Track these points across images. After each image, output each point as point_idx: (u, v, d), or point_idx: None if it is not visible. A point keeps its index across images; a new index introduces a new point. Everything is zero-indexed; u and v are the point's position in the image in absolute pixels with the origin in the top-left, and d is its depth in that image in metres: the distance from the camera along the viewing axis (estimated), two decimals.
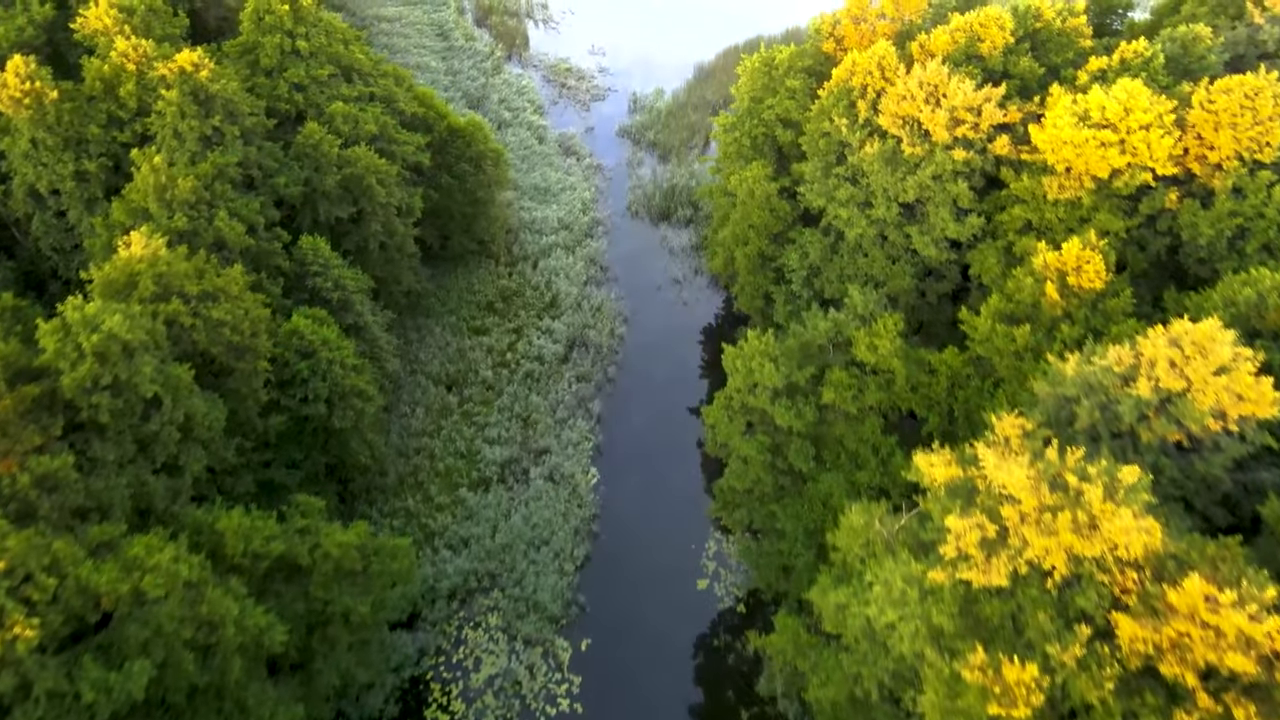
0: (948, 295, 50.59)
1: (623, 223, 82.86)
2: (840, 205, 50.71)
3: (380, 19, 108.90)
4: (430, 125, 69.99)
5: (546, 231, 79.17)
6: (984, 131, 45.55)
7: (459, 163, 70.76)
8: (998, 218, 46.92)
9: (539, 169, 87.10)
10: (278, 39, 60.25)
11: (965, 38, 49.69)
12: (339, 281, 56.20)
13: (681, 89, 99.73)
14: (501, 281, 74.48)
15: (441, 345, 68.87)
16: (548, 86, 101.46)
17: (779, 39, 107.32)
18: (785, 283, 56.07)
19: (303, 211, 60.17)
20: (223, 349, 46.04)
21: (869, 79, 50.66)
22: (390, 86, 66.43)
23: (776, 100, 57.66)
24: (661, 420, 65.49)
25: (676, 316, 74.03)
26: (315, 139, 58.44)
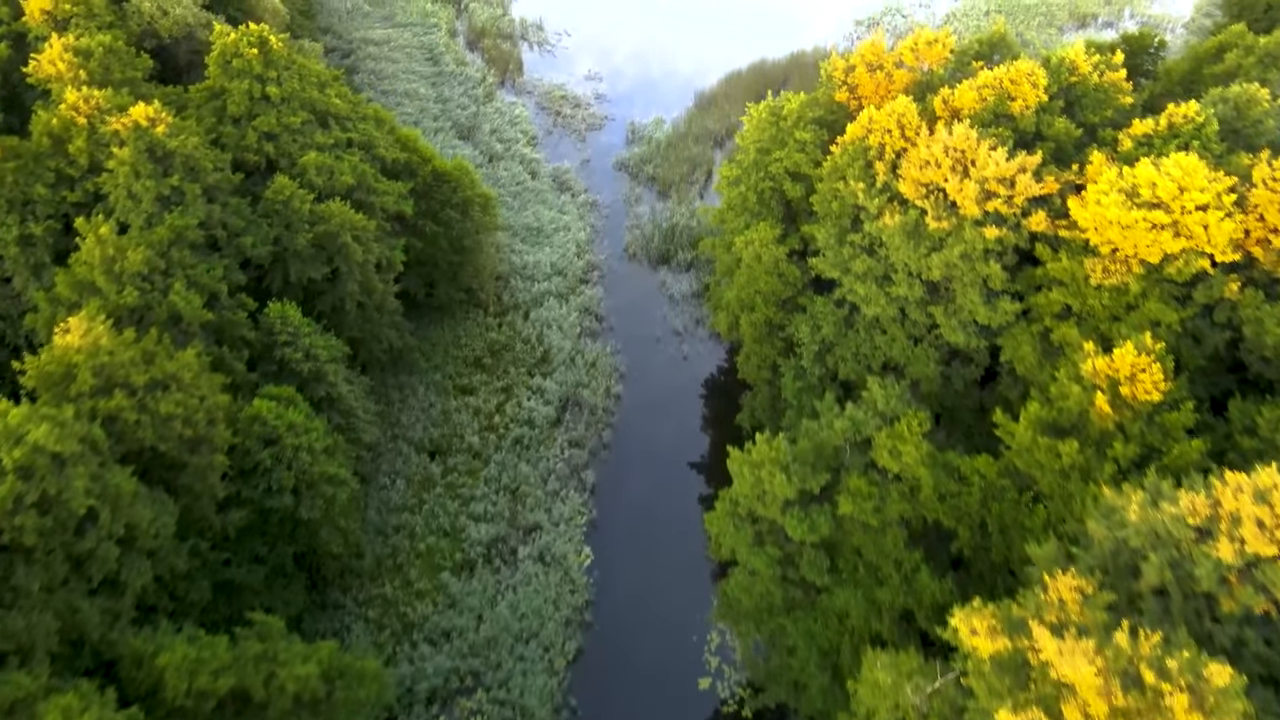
0: (975, 381, 46.16)
1: (620, 266, 78.31)
2: (856, 279, 46.21)
3: (367, 42, 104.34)
4: (414, 170, 65.48)
5: (539, 278, 74.62)
6: (1018, 206, 41.07)
7: (445, 209, 66.23)
8: (1032, 299, 42.46)
9: (531, 207, 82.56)
10: (246, 85, 55.73)
11: (994, 96, 45.18)
12: (310, 351, 51.69)
13: (681, 117, 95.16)
14: (490, 334, 69.92)
15: (425, 407, 64.31)
16: (542, 115, 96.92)
17: (782, 64, 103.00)
18: (794, 354, 51.57)
19: (272, 272, 55.66)
20: (173, 444, 41.51)
21: (887, 138, 46.16)
22: (370, 131, 61.89)
23: (785, 153, 53.15)
24: (661, 490, 60.97)
25: (677, 372, 69.50)
26: (285, 194, 53.97)
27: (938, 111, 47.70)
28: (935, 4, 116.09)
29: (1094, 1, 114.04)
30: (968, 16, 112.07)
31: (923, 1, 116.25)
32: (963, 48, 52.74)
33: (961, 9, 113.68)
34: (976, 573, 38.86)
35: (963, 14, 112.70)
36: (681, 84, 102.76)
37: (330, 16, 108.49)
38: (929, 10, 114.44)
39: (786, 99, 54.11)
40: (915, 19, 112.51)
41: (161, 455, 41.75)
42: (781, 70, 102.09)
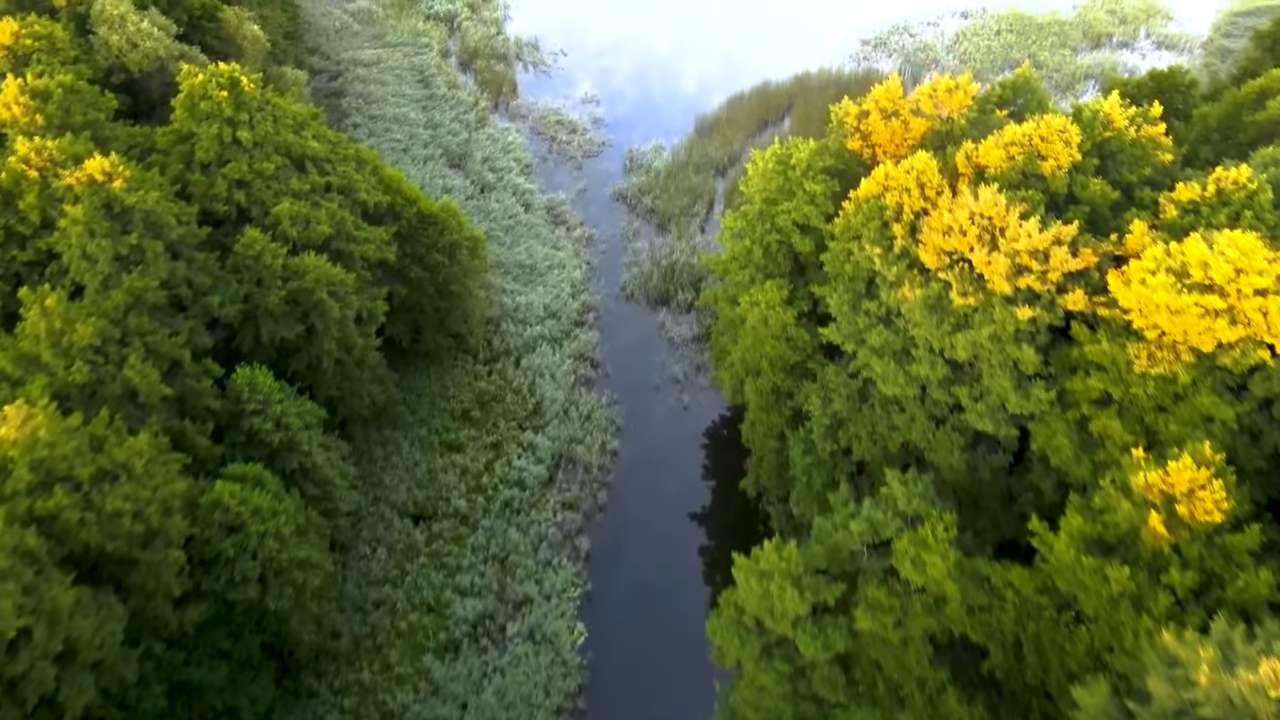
0: (1003, 468, 42.43)
1: (617, 307, 74.50)
2: (872, 353, 42.50)
3: (356, 63, 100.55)
4: (398, 212, 61.71)
5: (531, 321, 70.83)
6: (1053, 282, 37.35)
7: (430, 252, 62.45)
8: (1068, 383, 38.71)
9: (525, 242, 78.79)
10: (215, 129, 51.94)
11: (1023, 155, 41.41)
12: (281, 420, 47.92)
13: (681, 144, 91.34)
14: (479, 383, 66.12)
15: (409, 466, 60.52)
16: (537, 140, 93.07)
17: (786, 87, 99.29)
18: (804, 424, 47.80)
19: (243, 332, 51.89)
20: (122, 542, 37.75)
21: (905, 198, 42.40)
22: (350, 173, 58.08)
23: (793, 205, 49.38)
24: (661, 558, 57.22)
25: (677, 424, 65.71)
26: (256, 249, 50.21)
27: (960, 168, 43.94)
28: (944, 23, 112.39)
29: (1108, 21, 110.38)
30: (978, 36, 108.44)
31: (931, 20, 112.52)
32: (984, 94, 48.96)
33: (971, 28, 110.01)
34: (1009, 692, 35.21)
35: (973, 33, 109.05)
36: (683, 107, 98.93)
37: (318, 36, 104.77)
38: (937, 29, 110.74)
39: (795, 146, 50.32)
40: (924, 38, 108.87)
41: (109, 554, 37.99)
42: (785, 93, 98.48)
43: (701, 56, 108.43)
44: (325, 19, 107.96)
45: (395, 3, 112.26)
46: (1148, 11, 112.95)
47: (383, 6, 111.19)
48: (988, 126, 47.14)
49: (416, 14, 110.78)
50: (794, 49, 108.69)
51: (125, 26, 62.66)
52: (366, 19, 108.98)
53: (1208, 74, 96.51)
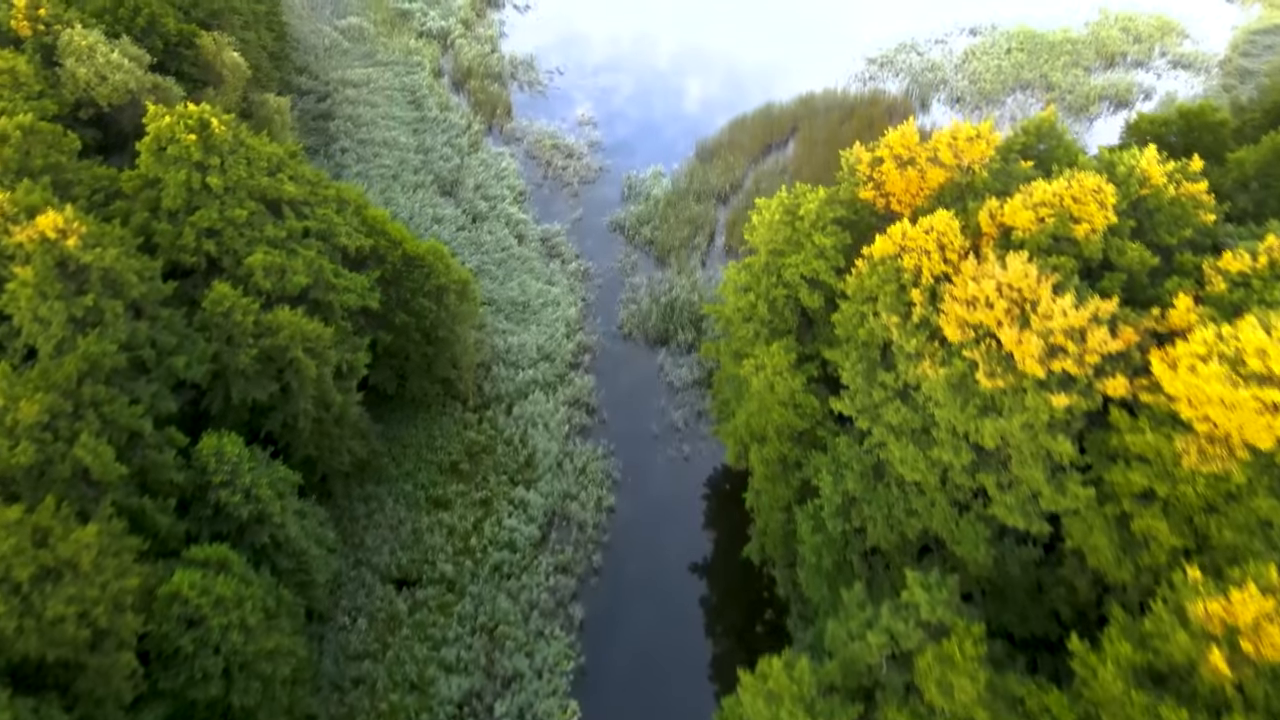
0: (1034, 561, 39.08)
1: (614, 347, 71.09)
2: (889, 431, 39.16)
3: (346, 84, 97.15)
4: (382, 255, 58.34)
5: (524, 364, 67.43)
6: (1090, 365, 34.00)
7: (416, 297, 59.06)
8: (1107, 474, 35.37)
9: (518, 277, 75.39)
10: (183, 175, 48.59)
11: (1054, 218, 38.04)
12: (251, 491, 44.52)
13: (682, 170, 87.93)
14: (469, 433, 62.72)
15: (394, 525, 57.13)
16: (531, 165, 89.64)
17: (790, 108, 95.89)
18: (813, 499, 44.38)
19: (211, 393, 48.51)
20: (67, 649, 34.38)
21: (925, 261, 39.01)
22: (330, 217, 54.70)
23: (802, 258, 46.02)
24: (659, 626, 53.85)
25: (677, 476, 62.32)
26: (226, 305, 46.82)
27: (984, 227, 40.55)
28: (952, 40, 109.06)
29: (1121, 39, 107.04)
30: (987, 54, 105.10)
31: (939, 38, 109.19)
32: (1006, 141, 45.52)
33: (980, 46, 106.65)
34: None
35: (982, 51, 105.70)
36: (684, 128, 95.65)
37: (307, 54, 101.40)
38: (945, 47, 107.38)
39: (803, 195, 46.91)
40: (931, 56, 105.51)
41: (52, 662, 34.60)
42: (789, 115, 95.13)
43: (704, 73, 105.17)
44: (315, 36, 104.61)
45: (387, 19, 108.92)
46: (1162, 29, 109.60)
47: (374, 23, 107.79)
48: (1011, 177, 43.74)
49: (409, 31, 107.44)
50: (798, 67, 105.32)
51: (94, 58, 59.34)
52: (357, 36, 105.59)
53: (1228, 98, 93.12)
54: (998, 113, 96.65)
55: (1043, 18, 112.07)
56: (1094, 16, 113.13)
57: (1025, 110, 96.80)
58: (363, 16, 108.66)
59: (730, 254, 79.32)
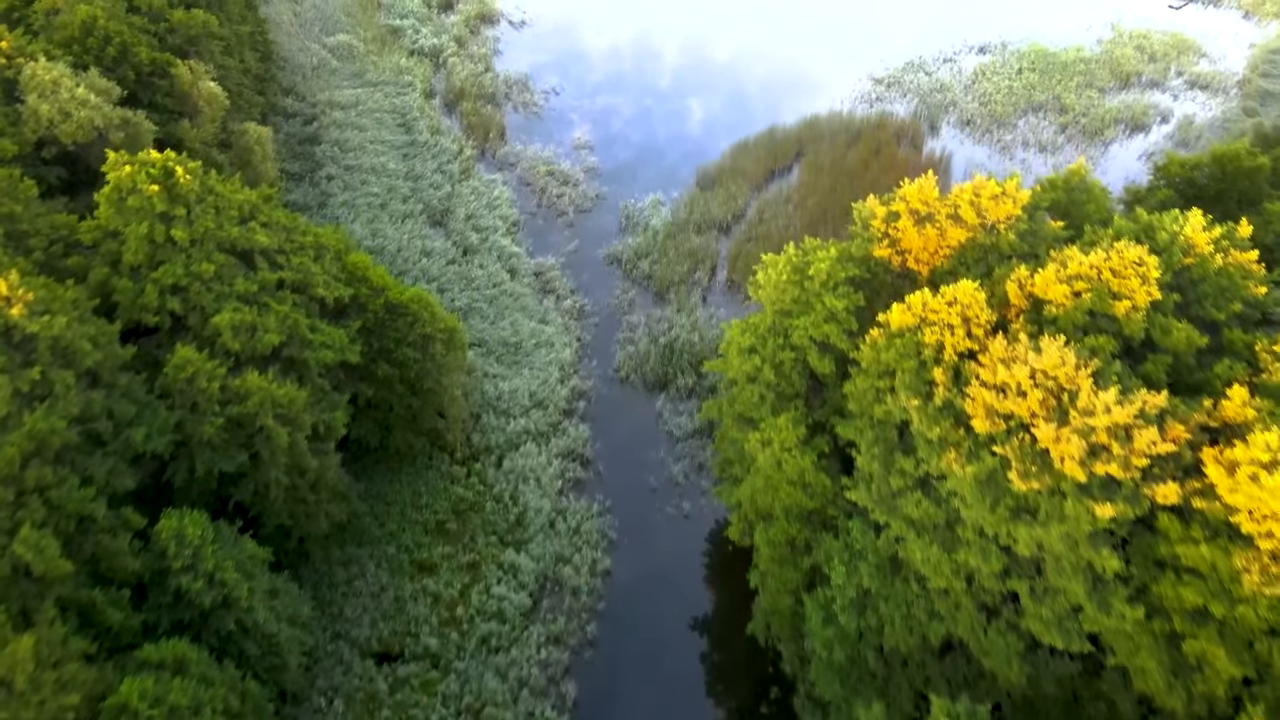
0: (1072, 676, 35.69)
1: (611, 392, 67.62)
2: (909, 527, 35.79)
3: (333, 106, 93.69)
4: (363, 304, 54.92)
5: (515, 412, 63.96)
6: (1137, 468, 30.62)
7: (400, 347, 55.62)
8: (1155, 587, 31.94)
9: (509, 315, 71.93)
10: (145, 227, 45.17)
11: (1092, 293, 34.65)
12: (215, 576, 41.08)
13: (682, 198, 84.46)
14: (456, 489, 59.27)
15: (375, 592, 53.66)
16: (525, 193, 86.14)
17: (794, 132, 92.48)
18: (824, 586, 40.94)
19: (174, 464, 45.03)
20: None
21: (948, 336, 35.58)
22: (307, 266, 51.22)
23: (811, 321, 42.60)
24: (657, 705, 50.38)
25: (677, 535, 58.86)
26: (189, 371, 43.39)
27: (1012, 298, 37.14)
28: (961, 59, 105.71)
29: (1136, 59, 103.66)
30: (998, 74, 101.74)
31: (948, 56, 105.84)
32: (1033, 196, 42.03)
33: (990, 65, 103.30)
34: None
35: (992, 71, 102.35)
36: (685, 151, 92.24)
37: (294, 74, 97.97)
38: (954, 66, 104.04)
39: (813, 253, 43.47)
40: (940, 76, 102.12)
41: None
42: (793, 139, 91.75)
43: (706, 92, 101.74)
44: (303, 55, 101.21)
45: (377, 37, 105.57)
46: (1178, 47, 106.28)
47: (364, 41, 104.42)
48: (1039, 238, 40.33)
49: (400, 49, 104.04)
50: (802, 86, 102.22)
51: (59, 94, 55.91)
52: (347, 55, 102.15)
53: (1250, 124, 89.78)
54: (1009, 136, 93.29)
55: (1054, 35, 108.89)
56: (1106, 34, 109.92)
57: (1038, 134, 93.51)
58: (352, 34, 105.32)
59: (732, 289, 75.98)
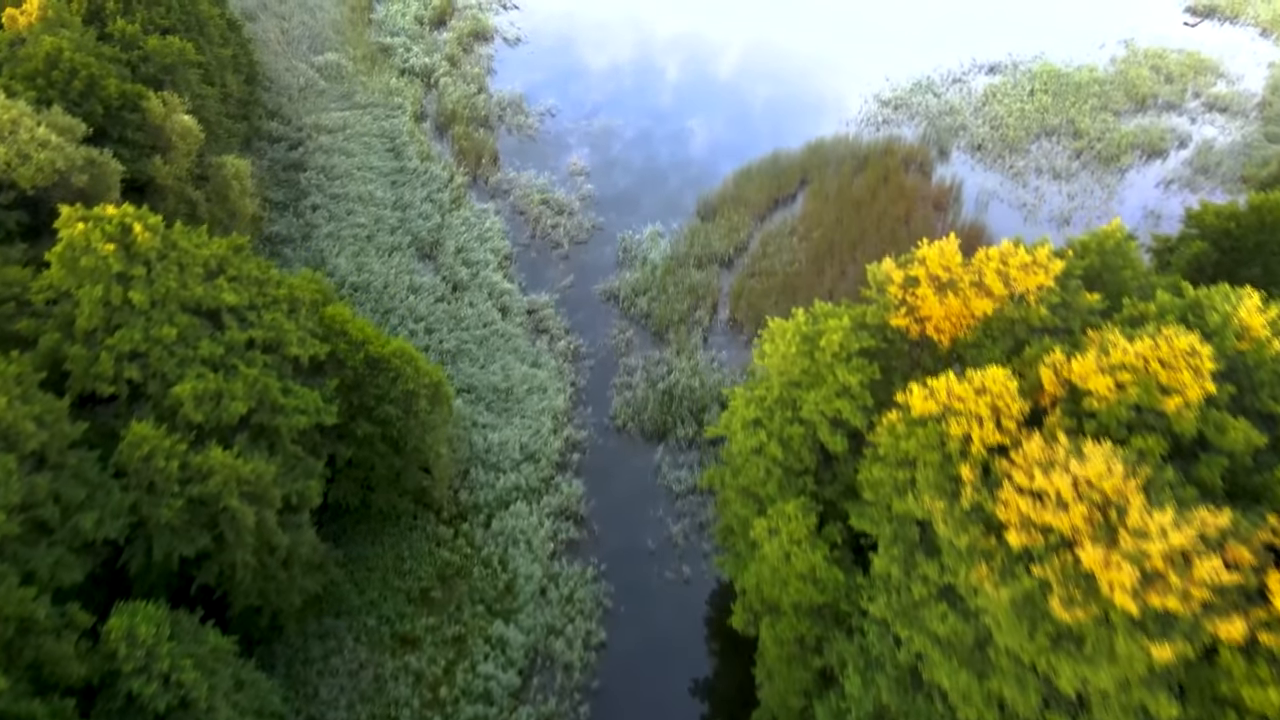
0: None
1: (607, 442, 64.10)
2: (933, 644, 32.37)
3: (320, 129, 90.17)
4: (342, 359, 51.44)
5: (505, 466, 60.48)
6: (1197, 600, 27.20)
7: (382, 405, 52.13)
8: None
9: (500, 358, 68.42)
10: (99, 290, 41.66)
11: (1137, 386, 31.22)
12: (171, 677, 37.57)
13: (682, 230, 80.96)
14: (442, 552, 55.80)
15: (353, 670, 50.18)
16: (518, 222, 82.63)
17: (798, 157, 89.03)
18: (837, 691, 37.43)
19: (130, 549, 41.53)
20: None
21: (975, 428, 32.12)
22: (280, 323, 47.72)
23: (823, 395, 39.15)
24: None
25: (677, 602, 55.39)
26: (145, 449, 39.88)
27: (1047, 384, 33.69)
28: (970, 79, 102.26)
29: (1152, 80, 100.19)
30: (1009, 96, 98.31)
31: (957, 76, 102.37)
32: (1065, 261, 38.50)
33: (1001, 86, 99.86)
34: None
35: (1003, 93, 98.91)
36: (686, 177, 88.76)
37: (280, 96, 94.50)
38: (964, 87, 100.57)
39: (824, 321, 39.97)
40: (949, 98, 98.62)
41: None
42: (798, 164, 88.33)
43: (709, 112, 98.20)
44: (289, 75, 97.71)
45: (367, 55, 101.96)
46: (1194, 67, 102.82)
47: (353, 60, 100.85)
48: (1073, 312, 36.86)
49: (390, 69, 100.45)
50: (807, 105, 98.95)
51: (18, 134, 52.42)
52: (335, 75, 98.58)
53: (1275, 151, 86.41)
54: (1022, 162, 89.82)
55: (1065, 53, 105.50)
56: (1119, 52, 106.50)
57: (1051, 160, 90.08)
58: (341, 52, 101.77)
59: (734, 328, 72.54)
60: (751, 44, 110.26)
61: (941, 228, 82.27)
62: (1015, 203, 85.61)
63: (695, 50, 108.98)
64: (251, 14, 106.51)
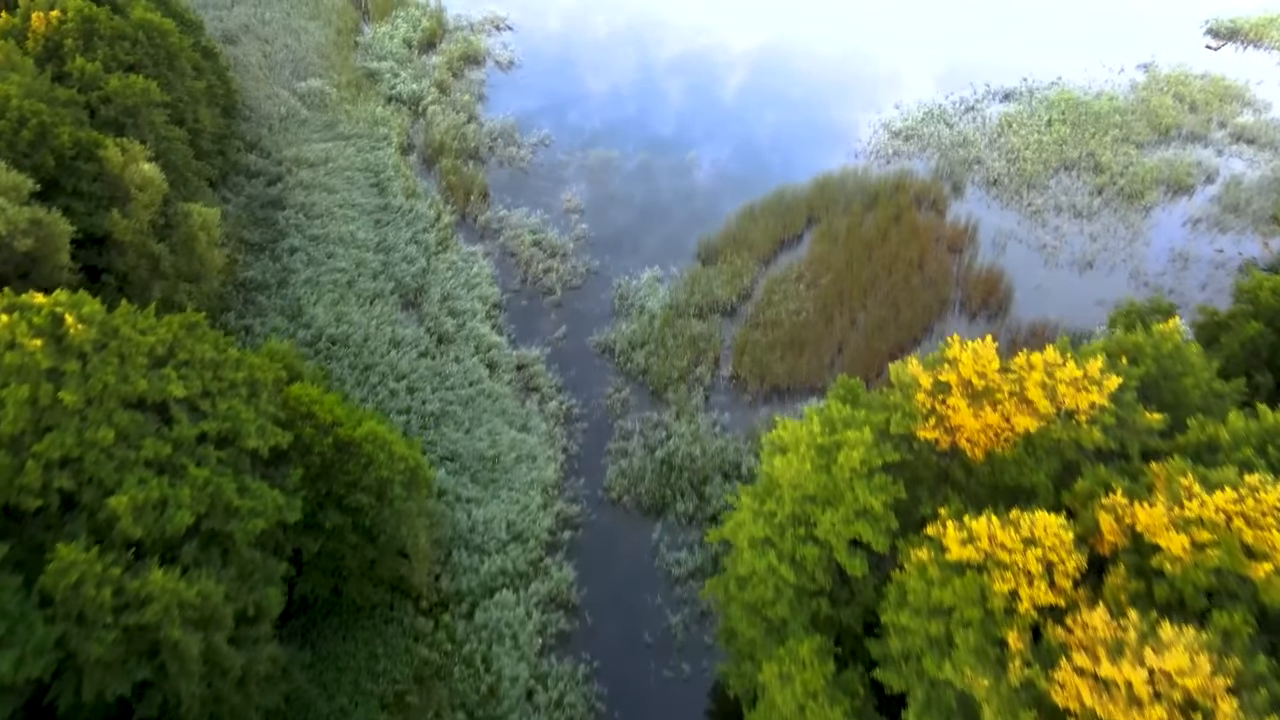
0: None
1: (601, 518, 59.40)
2: None
3: (300, 163, 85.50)
4: (308, 445, 46.80)
5: (490, 548, 55.83)
6: None
7: (353, 493, 47.51)
8: None
9: (487, 421, 63.74)
10: (25, 391, 36.97)
11: (1218, 546, 26.61)
12: None
13: (681, 275, 76.29)
14: (420, 649, 51.12)
15: None
16: (508, 265, 77.92)
17: (805, 193, 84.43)
18: None
19: (58, 685, 36.84)
20: None
21: (1024, 585, 27.48)
22: (237, 411, 43.03)
23: (841, 516, 34.50)
24: None
25: (675, 704, 50.68)
26: (73, 577, 35.19)
27: (1107, 532, 29.06)
28: (985, 107, 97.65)
29: (1175, 109, 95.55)
30: (1025, 126, 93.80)
31: (970, 105, 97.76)
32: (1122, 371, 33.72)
33: (1017, 115, 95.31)
34: None
35: (1019, 123, 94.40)
36: (688, 213, 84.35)
37: (260, 126, 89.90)
38: (977, 116, 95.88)
39: (842, 428, 35.26)
40: (961, 128, 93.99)
41: None
42: (804, 203, 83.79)
43: (712, 142, 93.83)
44: (270, 103, 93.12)
45: (353, 81, 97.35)
46: (1219, 95, 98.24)
47: (338, 86, 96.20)
48: (1131, 432, 32.19)
49: (376, 96, 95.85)
50: (815, 136, 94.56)
51: None
52: (318, 103, 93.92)
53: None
54: (1041, 199, 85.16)
55: (1082, 78, 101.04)
56: (1138, 76, 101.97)
57: (1071, 196, 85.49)
58: (325, 79, 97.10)
59: (738, 386, 67.85)
60: (758, 66, 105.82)
61: (957, 272, 77.77)
62: (1034, 244, 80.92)
63: (699, 74, 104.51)
64: (233, 37, 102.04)
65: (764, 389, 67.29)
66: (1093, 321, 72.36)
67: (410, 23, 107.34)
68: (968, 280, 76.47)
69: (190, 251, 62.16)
